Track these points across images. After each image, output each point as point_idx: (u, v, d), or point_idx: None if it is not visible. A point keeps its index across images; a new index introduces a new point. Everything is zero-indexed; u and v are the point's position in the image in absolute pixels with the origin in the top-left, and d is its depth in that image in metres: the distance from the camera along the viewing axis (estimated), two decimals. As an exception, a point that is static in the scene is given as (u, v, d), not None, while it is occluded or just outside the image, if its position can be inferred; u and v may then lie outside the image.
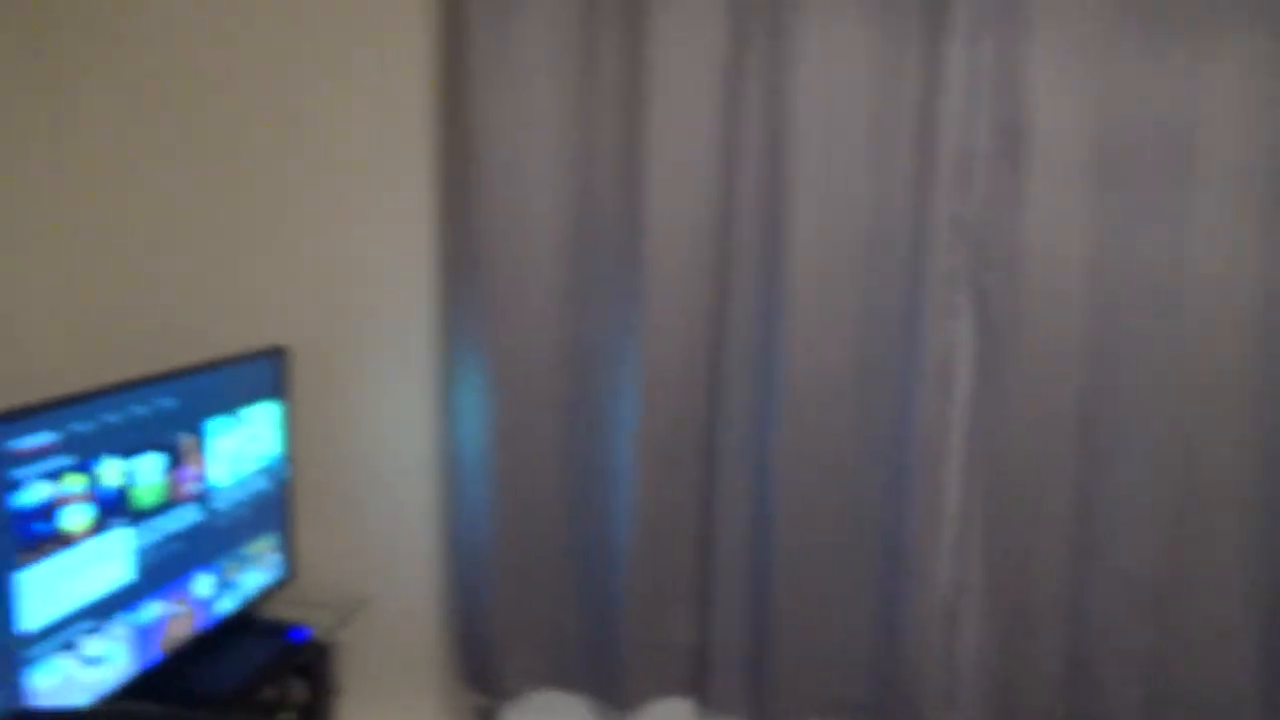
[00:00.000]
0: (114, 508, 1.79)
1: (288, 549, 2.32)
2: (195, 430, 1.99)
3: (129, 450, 1.82)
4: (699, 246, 2.27)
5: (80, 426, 1.70)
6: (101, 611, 1.77)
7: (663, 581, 2.36)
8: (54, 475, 1.65)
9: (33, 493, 1.60)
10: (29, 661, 1.61)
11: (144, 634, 1.88)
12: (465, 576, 2.39)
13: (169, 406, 1.91)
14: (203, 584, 2.04)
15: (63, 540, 1.67)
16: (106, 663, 1.79)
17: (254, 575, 2.21)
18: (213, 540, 2.06)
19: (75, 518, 1.70)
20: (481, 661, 2.39)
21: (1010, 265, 2.20)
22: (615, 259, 2.27)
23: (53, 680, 1.66)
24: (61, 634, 1.68)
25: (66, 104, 2.40)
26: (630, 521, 2.30)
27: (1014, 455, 2.27)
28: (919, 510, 2.25)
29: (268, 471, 2.23)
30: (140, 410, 1.84)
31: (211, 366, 2.04)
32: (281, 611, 2.31)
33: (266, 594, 2.26)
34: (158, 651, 1.92)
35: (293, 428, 2.42)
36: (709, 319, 2.30)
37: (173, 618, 1.96)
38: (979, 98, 2.17)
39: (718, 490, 2.31)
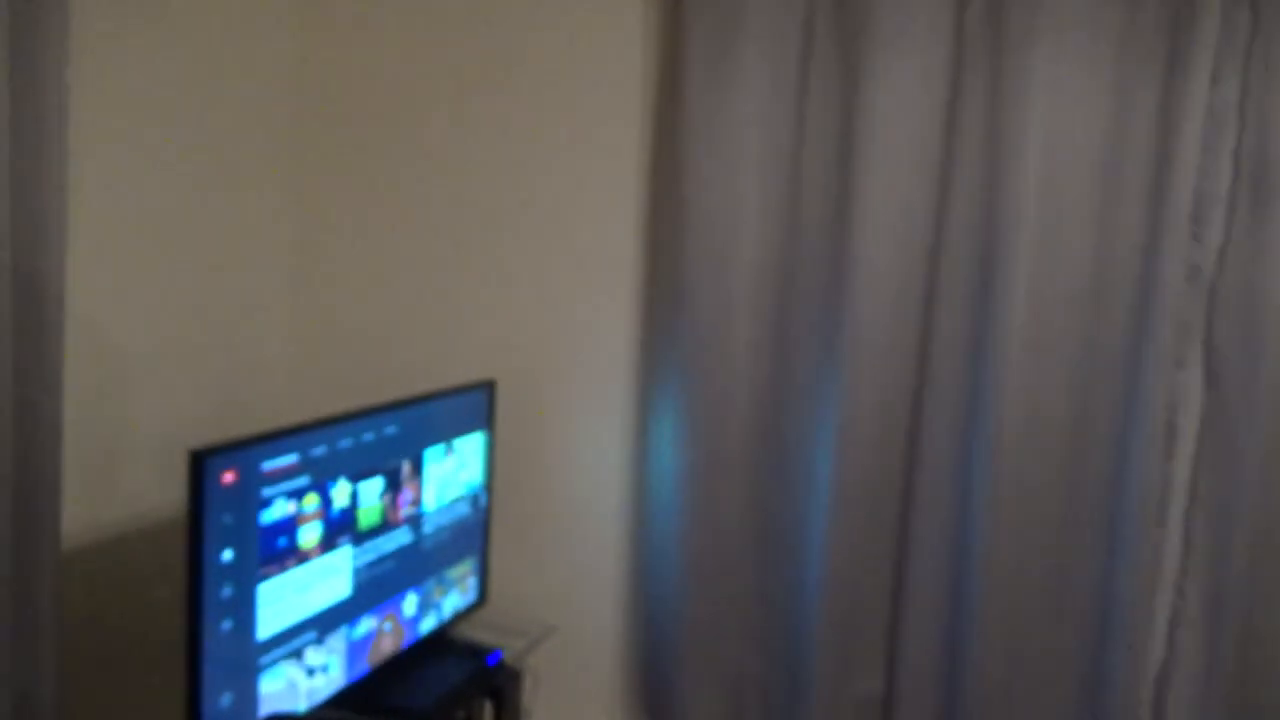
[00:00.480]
0: (341, 527, 1.90)
1: (483, 574, 2.41)
2: (414, 457, 2.09)
3: (357, 474, 1.93)
4: (905, 293, 2.26)
5: (317, 450, 1.82)
6: (324, 624, 1.88)
7: (853, 629, 2.34)
8: (295, 495, 1.77)
9: (277, 510, 1.72)
10: (262, 668, 1.73)
11: (357, 647, 1.99)
12: (652, 612, 2.44)
13: (393, 434, 2.02)
14: (410, 603, 2.14)
15: (298, 556, 1.79)
16: (324, 673, 1.90)
17: (453, 598, 2.30)
18: (421, 562, 2.16)
19: (309, 535, 1.81)
20: (663, 697, 2.43)
21: (1247, 315, 2.09)
22: (818, 306, 2.29)
23: (278, 686, 1.78)
24: (290, 643, 1.79)
25: (325, 173, 2.59)
26: (822, 566, 2.30)
27: (1241, 522, 2.13)
28: (1133, 575, 2.16)
29: (471, 498, 2.33)
30: (369, 437, 1.95)
31: (431, 397, 2.14)
32: (471, 634, 2.40)
33: (461, 616, 2.35)
34: (365, 665, 2.03)
35: (494, 457, 2.52)
36: (912, 367, 2.27)
37: (381, 634, 2.06)
38: (1220, 138, 2.09)
39: (914, 540, 2.28)
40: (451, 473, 2.24)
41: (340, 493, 1.89)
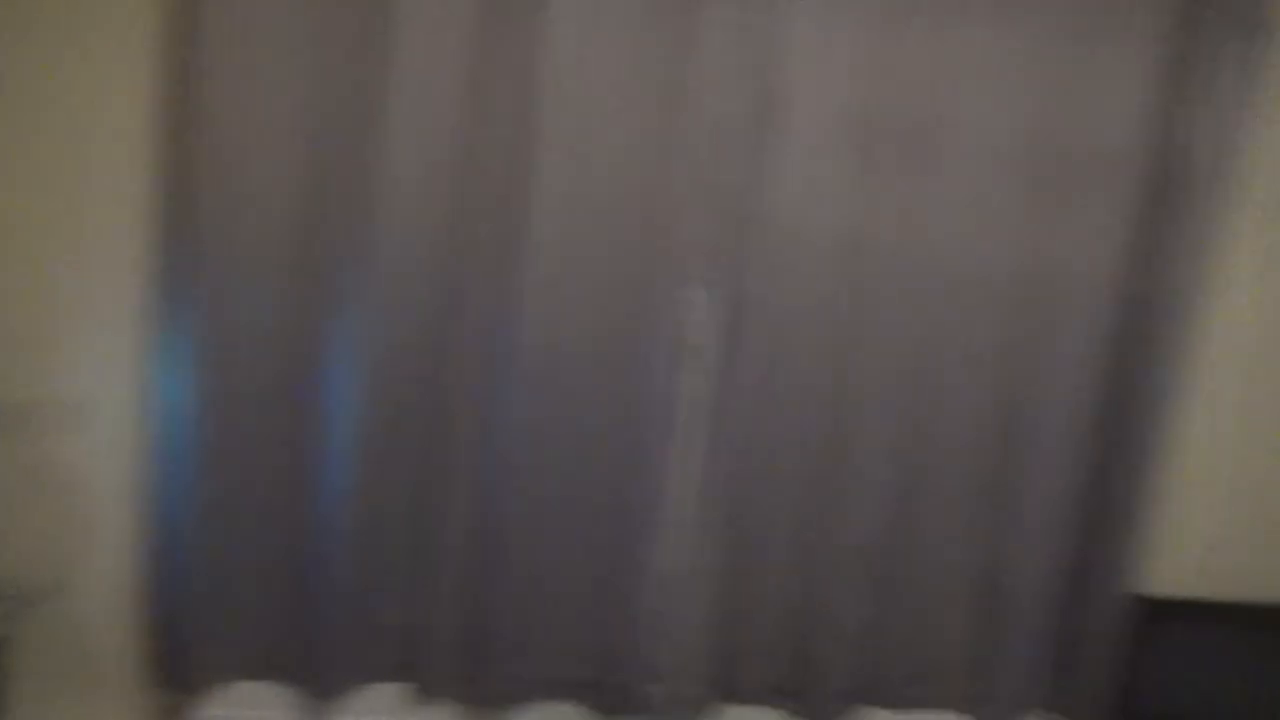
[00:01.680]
0: None
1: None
2: None
3: None
4: (433, 218, 2.16)
5: None
6: None
7: (375, 564, 2.25)
8: None
9: None
10: None
11: None
12: (161, 566, 2.23)
13: None
14: None
15: None
16: None
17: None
18: None
19: None
20: (174, 655, 2.23)
21: (760, 236, 2.16)
22: (345, 231, 2.15)
23: None
24: None
25: None
26: (343, 502, 2.19)
27: (751, 432, 2.24)
28: (647, 488, 2.23)
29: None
30: None
31: None
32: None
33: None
34: None
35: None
36: (440, 294, 2.19)
37: None
38: (735, 62, 2.12)
39: (437, 468, 2.22)
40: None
41: None
